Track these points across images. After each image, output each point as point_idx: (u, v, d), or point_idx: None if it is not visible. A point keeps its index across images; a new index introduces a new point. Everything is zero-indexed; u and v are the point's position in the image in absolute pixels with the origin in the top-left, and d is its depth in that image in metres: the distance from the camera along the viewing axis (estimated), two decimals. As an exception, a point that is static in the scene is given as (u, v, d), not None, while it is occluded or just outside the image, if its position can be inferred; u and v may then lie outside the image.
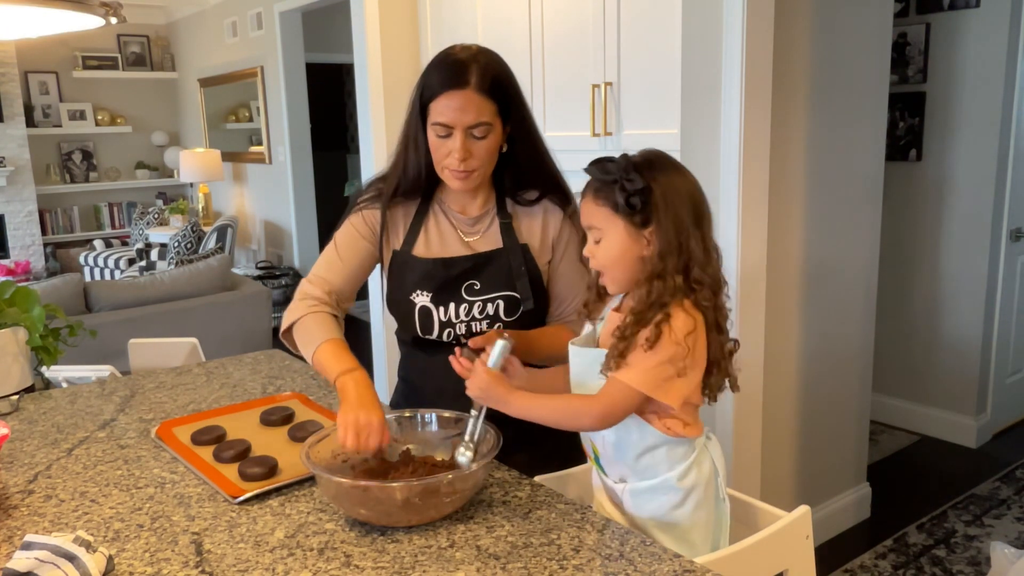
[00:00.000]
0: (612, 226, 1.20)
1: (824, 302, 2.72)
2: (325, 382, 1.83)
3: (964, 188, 3.56)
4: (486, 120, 1.39)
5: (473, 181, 1.46)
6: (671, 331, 1.14)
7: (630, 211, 1.17)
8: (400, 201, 1.55)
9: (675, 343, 1.14)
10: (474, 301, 1.48)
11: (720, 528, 1.27)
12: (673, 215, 1.16)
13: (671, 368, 1.15)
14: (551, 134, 2.84)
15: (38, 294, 1.89)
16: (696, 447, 1.25)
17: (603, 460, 1.30)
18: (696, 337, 1.16)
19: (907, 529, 2.93)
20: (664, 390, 1.16)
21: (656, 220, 1.17)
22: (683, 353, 1.15)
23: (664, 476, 1.23)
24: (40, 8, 1.65)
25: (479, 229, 1.53)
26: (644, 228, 1.18)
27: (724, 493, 1.28)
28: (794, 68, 2.44)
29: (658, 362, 1.15)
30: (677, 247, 1.16)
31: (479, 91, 1.38)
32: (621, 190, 1.17)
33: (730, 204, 2.29)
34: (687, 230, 1.17)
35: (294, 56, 6.25)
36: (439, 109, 1.39)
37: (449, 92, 1.38)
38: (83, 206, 7.72)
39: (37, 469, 1.40)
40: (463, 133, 1.39)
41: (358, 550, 1.09)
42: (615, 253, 1.20)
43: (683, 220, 1.17)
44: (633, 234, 1.18)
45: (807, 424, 2.75)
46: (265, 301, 4.50)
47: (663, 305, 1.16)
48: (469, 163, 1.41)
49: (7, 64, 6.76)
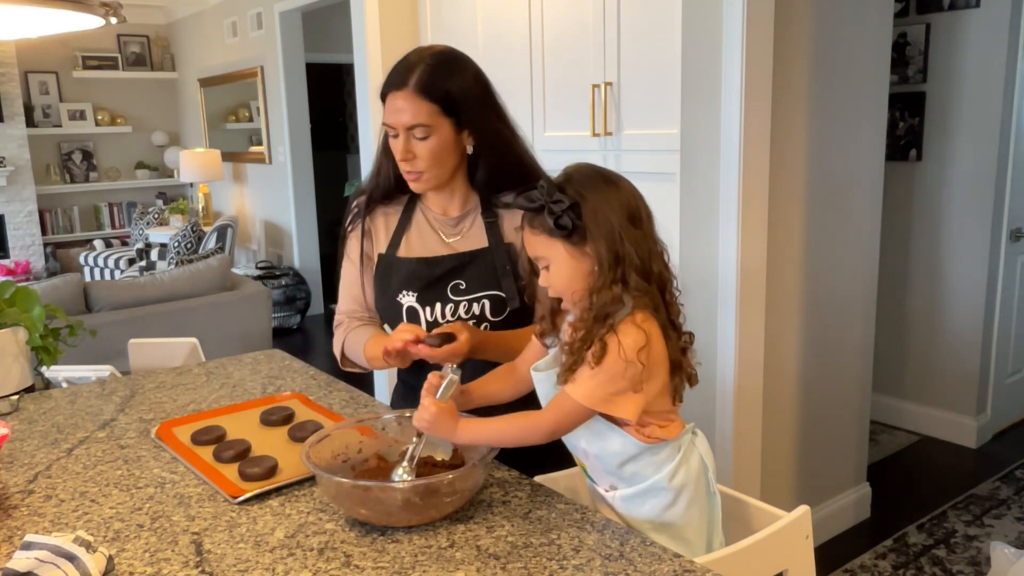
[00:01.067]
0: (554, 251, 1.19)
1: (824, 302, 2.72)
2: (325, 382, 1.83)
3: (964, 188, 3.56)
4: (423, 122, 1.42)
5: (426, 182, 1.49)
6: (620, 348, 1.14)
7: (564, 232, 1.16)
8: (380, 208, 1.60)
9: (625, 360, 1.13)
10: (460, 301, 1.50)
11: (713, 523, 1.27)
12: (605, 226, 1.15)
13: (622, 382, 1.15)
14: (551, 134, 2.85)
15: (38, 294, 1.89)
16: (681, 445, 1.25)
17: (591, 472, 1.30)
18: (649, 351, 1.15)
19: (907, 529, 2.93)
20: (613, 404, 1.16)
21: (589, 233, 1.16)
22: (636, 370, 1.14)
23: (653, 479, 1.22)
24: (40, 8, 1.65)
25: (461, 229, 1.55)
26: (584, 245, 1.17)
27: (714, 487, 1.27)
28: (794, 68, 2.44)
29: (606, 378, 1.14)
30: (614, 257, 1.15)
31: (418, 92, 1.41)
32: (549, 213, 1.16)
33: (730, 204, 2.29)
34: (621, 238, 1.15)
35: (294, 56, 6.25)
36: (386, 110, 1.45)
37: (392, 93, 1.44)
38: (83, 206, 7.73)
39: (37, 469, 1.40)
40: (405, 134, 1.43)
41: (358, 550, 1.09)
42: (565, 277, 1.19)
43: (614, 229, 1.15)
44: (575, 254, 1.18)
45: (807, 424, 2.75)
46: (265, 301, 4.50)
47: (607, 317, 1.15)
48: (414, 164, 1.45)
49: (7, 64, 6.76)
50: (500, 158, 1.50)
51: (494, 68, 1.62)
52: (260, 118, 6.69)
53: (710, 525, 1.27)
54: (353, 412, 1.63)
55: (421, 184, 1.49)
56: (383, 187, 1.57)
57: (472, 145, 1.48)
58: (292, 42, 6.21)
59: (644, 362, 1.14)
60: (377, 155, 1.57)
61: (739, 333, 2.34)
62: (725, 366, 2.36)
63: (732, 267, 2.31)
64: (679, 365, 1.21)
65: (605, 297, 1.15)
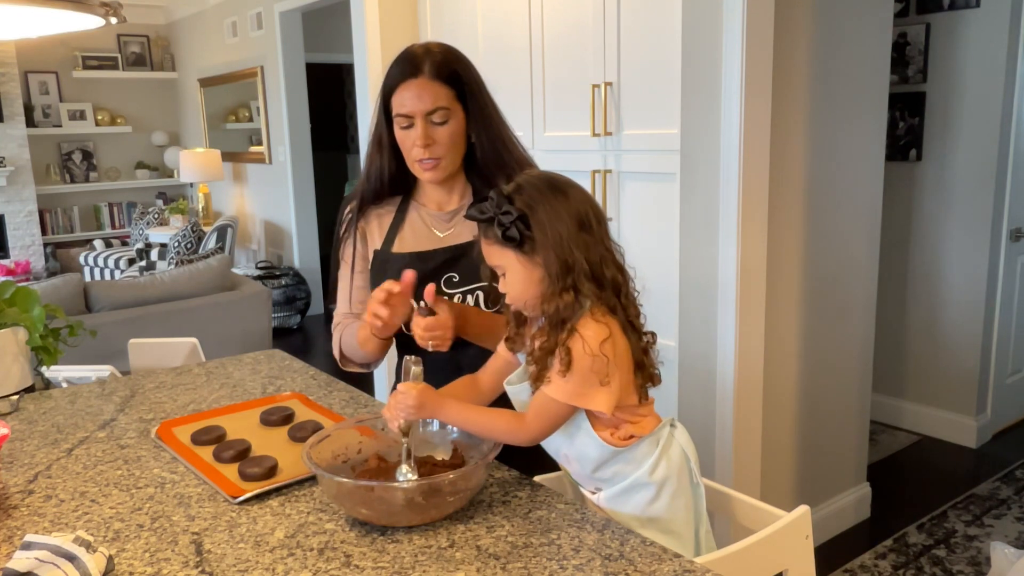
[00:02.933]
0: (507, 260, 1.21)
1: (824, 302, 2.72)
2: (325, 382, 1.83)
3: (964, 188, 3.56)
4: (443, 105, 1.45)
5: (442, 170, 1.50)
6: (584, 343, 1.15)
7: (513, 243, 1.18)
8: (374, 210, 1.61)
9: (591, 355, 1.15)
10: (454, 293, 1.51)
11: (699, 514, 1.28)
12: (552, 235, 1.17)
13: (593, 378, 1.16)
14: (551, 134, 2.85)
15: (38, 294, 1.89)
16: (660, 439, 1.25)
17: (575, 476, 1.32)
18: (612, 343, 1.17)
19: (907, 529, 2.93)
20: (588, 398, 1.18)
21: (538, 242, 1.17)
22: (602, 363, 1.16)
23: (634, 476, 1.24)
24: (40, 8, 1.65)
25: (454, 224, 1.57)
26: (535, 255, 1.18)
27: (697, 479, 1.28)
28: (794, 68, 2.44)
29: (580, 375, 1.16)
30: (563, 265, 1.17)
31: (433, 78, 1.44)
32: (498, 225, 1.18)
33: (730, 204, 2.29)
34: (569, 245, 1.17)
35: (294, 56, 6.25)
36: (399, 101, 1.45)
37: (405, 82, 1.45)
38: (83, 206, 7.73)
39: (37, 469, 1.40)
40: (423, 120, 1.44)
41: (358, 550, 1.09)
42: (519, 285, 1.21)
43: (562, 236, 1.17)
44: (526, 263, 1.19)
45: (807, 424, 2.75)
46: (265, 301, 4.50)
47: (564, 322, 1.17)
48: (433, 150, 1.46)
49: (7, 64, 6.76)
50: (492, 145, 1.53)
51: (494, 68, 1.62)
52: (260, 118, 6.69)
53: (696, 516, 1.28)
54: (353, 412, 1.63)
55: (438, 172, 1.50)
56: (374, 188, 1.58)
57: (475, 135, 1.51)
58: (292, 42, 6.21)
59: (608, 354, 1.16)
60: (368, 155, 1.57)
61: (739, 333, 2.34)
62: (725, 366, 2.36)
63: (732, 267, 2.31)
64: (641, 364, 1.23)
65: (555, 304, 1.17)
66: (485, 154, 1.53)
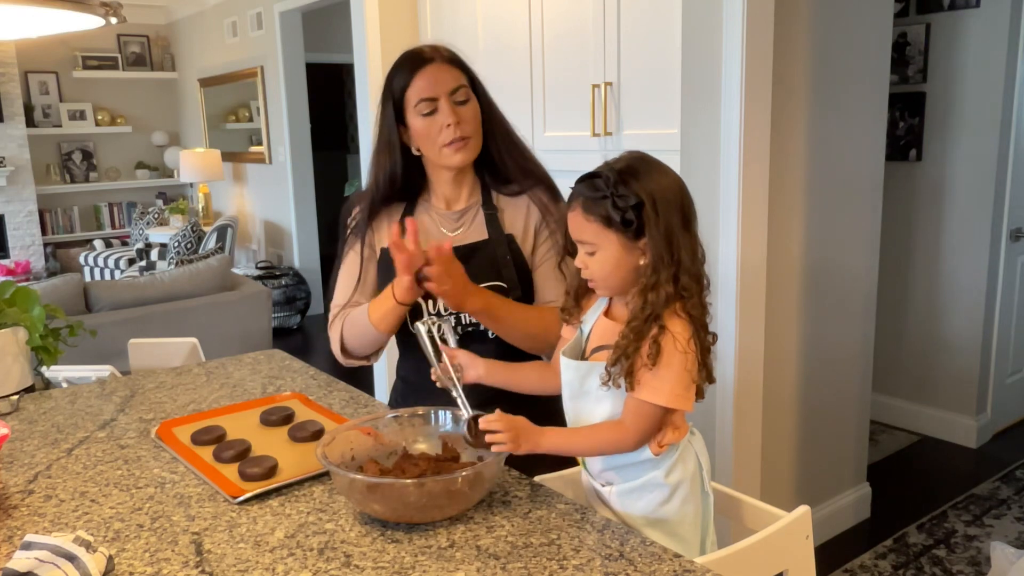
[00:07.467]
0: (605, 240, 1.18)
1: (824, 302, 2.72)
2: (325, 382, 1.83)
3: (964, 188, 3.56)
4: (463, 83, 1.48)
5: (472, 150, 1.51)
6: (674, 340, 1.14)
7: (628, 227, 1.16)
8: (383, 210, 1.60)
9: (682, 351, 1.15)
10: None
11: (706, 521, 1.28)
12: (665, 225, 1.16)
13: (687, 377, 1.16)
14: (551, 134, 2.86)
15: (38, 294, 1.89)
16: (680, 444, 1.25)
17: (589, 464, 1.32)
18: (695, 341, 1.17)
19: (907, 529, 2.93)
20: (684, 399, 1.17)
21: (649, 232, 1.16)
22: (692, 359, 1.16)
23: (650, 475, 1.24)
24: (40, 8, 1.65)
25: (462, 224, 1.57)
26: (638, 240, 1.17)
27: (708, 487, 1.28)
28: (794, 68, 2.44)
29: (675, 374, 1.15)
30: (669, 257, 1.16)
31: (448, 63, 1.49)
32: (614, 207, 1.16)
33: (730, 204, 2.29)
34: (678, 238, 1.16)
35: (294, 56, 6.25)
36: (418, 88, 1.47)
37: (421, 71, 1.47)
38: (83, 206, 7.73)
39: (37, 469, 1.40)
40: (447, 100, 1.46)
41: (358, 550, 1.09)
42: (610, 266, 1.19)
43: (673, 229, 1.16)
44: (627, 246, 1.18)
45: (807, 424, 2.75)
46: (265, 301, 4.50)
47: (656, 317, 1.16)
48: (463, 128, 1.47)
49: (7, 64, 6.76)
50: (505, 148, 1.55)
51: (494, 68, 1.63)
52: (260, 118, 6.69)
53: (703, 525, 1.28)
54: (353, 412, 1.63)
55: (468, 151, 1.50)
56: (384, 192, 1.57)
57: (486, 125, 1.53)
58: (292, 42, 6.21)
59: (693, 350, 1.16)
60: (375, 160, 1.56)
61: (739, 333, 2.34)
62: (725, 366, 2.36)
63: (732, 267, 2.32)
64: (704, 362, 1.22)
65: (659, 296, 1.15)
66: (499, 147, 1.54)
